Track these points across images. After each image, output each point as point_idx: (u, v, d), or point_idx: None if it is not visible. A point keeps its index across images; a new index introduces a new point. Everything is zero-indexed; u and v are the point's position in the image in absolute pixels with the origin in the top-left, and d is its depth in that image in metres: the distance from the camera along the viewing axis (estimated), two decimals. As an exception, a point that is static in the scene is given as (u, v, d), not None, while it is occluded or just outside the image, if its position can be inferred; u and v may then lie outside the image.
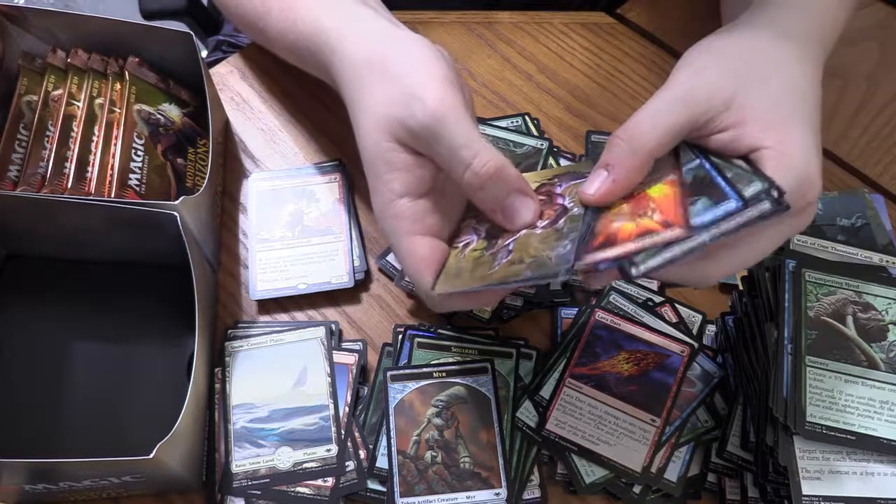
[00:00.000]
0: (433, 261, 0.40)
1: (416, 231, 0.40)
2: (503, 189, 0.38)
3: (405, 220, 0.40)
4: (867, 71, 0.67)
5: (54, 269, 0.54)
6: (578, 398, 0.50)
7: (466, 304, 0.43)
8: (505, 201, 0.39)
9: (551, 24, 0.70)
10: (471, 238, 0.42)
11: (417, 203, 0.40)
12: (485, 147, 0.38)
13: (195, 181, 0.56)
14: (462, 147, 0.37)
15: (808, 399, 0.43)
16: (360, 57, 0.43)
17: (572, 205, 0.40)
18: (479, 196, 0.39)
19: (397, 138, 0.39)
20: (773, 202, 0.34)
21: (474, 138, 0.38)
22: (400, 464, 0.48)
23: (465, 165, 0.37)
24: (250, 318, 0.55)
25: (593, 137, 0.63)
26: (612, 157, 0.38)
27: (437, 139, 0.38)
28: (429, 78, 0.39)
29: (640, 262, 0.34)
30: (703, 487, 0.49)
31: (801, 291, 0.46)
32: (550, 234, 0.38)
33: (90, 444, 0.49)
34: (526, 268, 0.36)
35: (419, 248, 0.40)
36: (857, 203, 0.58)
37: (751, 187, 0.35)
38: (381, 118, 0.40)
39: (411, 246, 0.40)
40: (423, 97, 0.38)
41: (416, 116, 0.38)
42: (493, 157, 0.37)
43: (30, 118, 0.53)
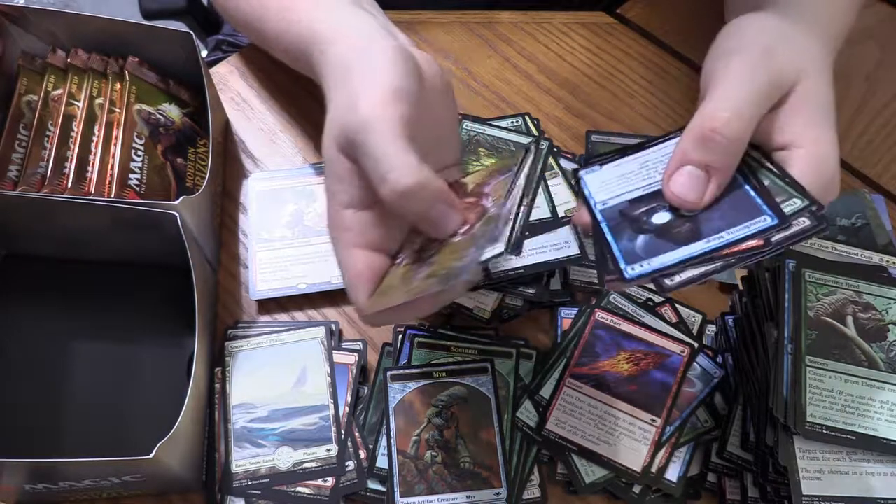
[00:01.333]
0: (369, 276, 0.38)
1: (357, 244, 0.38)
2: (422, 203, 0.36)
3: (347, 232, 0.38)
4: (867, 71, 0.67)
5: (54, 269, 0.54)
6: (578, 398, 0.50)
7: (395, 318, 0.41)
8: (428, 213, 0.37)
9: (551, 24, 0.70)
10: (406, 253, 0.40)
11: (361, 215, 0.38)
12: (404, 161, 0.35)
13: (195, 181, 0.56)
14: (381, 159, 0.35)
15: (808, 399, 0.43)
16: (338, 63, 0.42)
17: (491, 205, 0.38)
18: (400, 210, 0.37)
19: (340, 146, 0.38)
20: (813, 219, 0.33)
21: (396, 152, 0.35)
22: (400, 464, 0.48)
23: (381, 179, 0.35)
24: (250, 317, 0.55)
25: (593, 137, 0.63)
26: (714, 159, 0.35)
27: (362, 148, 0.36)
28: (373, 86, 0.37)
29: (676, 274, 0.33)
30: (703, 487, 0.49)
31: (801, 291, 0.46)
32: (466, 241, 0.37)
33: (90, 444, 0.49)
34: (438, 281, 0.35)
35: (356, 262, 0.38)
36: (857, 203, 0.58)
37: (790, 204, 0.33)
38: (331, 126, 0.39)
39: (349, 259, 0.38)
40: (357, 105, 0.37)
41: (351, 123, 0.37)
42: (410, 173, 0.35)
43: (30, 118, 0.53)
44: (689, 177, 0.36)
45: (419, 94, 0.39)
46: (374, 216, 0.39)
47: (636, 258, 0.35)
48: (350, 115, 0.37)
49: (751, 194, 0.36)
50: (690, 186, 0.36)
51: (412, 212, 0.37)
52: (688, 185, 0.36)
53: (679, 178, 0.36)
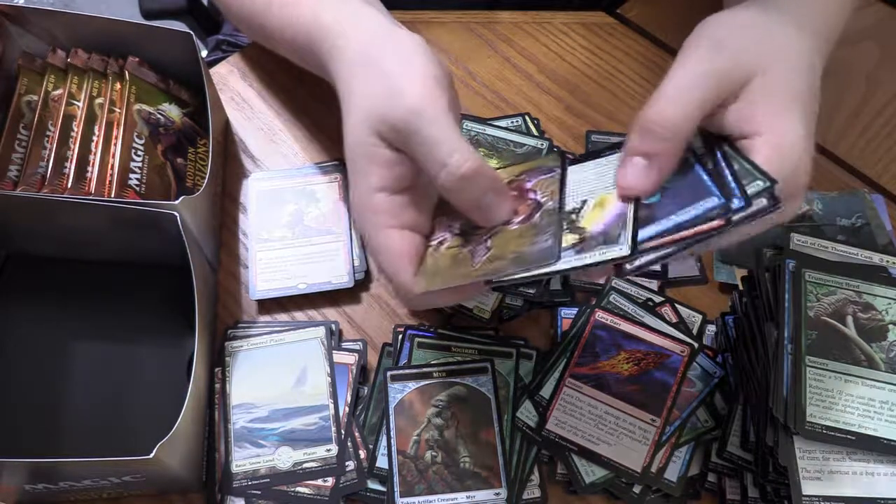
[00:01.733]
0: (411, 255, 0.39)
1: (393, 225, 0.39)
2: (479, 188, 0.38)
3: (382, 215, 0.39)
4: (867, 71, 0.67)
5: (54, 269, 0.54)
6: (578, 398, 0.50)
7: (446, 300, 0.42)
8: (481, 200, 0.38)
9: (551, 24, 0.70)
10: (444, 235, 0.41)
11: (395, 198, 0.39)
12: (462, 146, 0.37)
13: (195, 181, 0.56)
14: (439, 144, 0.37)
15: (808, 399, 0.43)
16: (356, 54, 0.43)
17: (545, 199, 0.39)
18: (455, 195, 0.38)
19: (379, 133, 0.39)
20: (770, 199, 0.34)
21: (452, 137, 0.37)
22: (400, 464, 0.48)
23: (441, 164, 0.37)
24: (250, 317, 0.55)
25: (593, 137, 0.63)
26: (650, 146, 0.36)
27: (415, 135, 0.37)
28: (414, 74, 0.39)
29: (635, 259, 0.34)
30: (703, 487, 0.49)
31: (801, 291, 0.46)
32: (528, 229, 0.38)
33: (90, 444, 0.49)
34: (509, 263, 0.36)
35: (397, 242, 0.39)
36: (857, 203, 0.58)
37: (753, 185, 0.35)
38: (365, 113, 0.40)
39: (388, 240, 0.39)
40: (404, 92, 0.38)
41: (397, 111, 0.38)
42: (470, 157, 0.37)
43: (30, 118, 0.53)
44: (633, 167, 0.37)
45: (452, 84, 0.40)
46: (408, 199, 0.40)
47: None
48: (395, 102, 0.38)
49: (703, 177, 0.37)
50: (634, 175, 0.37)
51: (468, 197, 0.38)
52: (632, 174, 0.37)
53: (625, 169, 0.38)
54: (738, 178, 0.36)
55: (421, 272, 0.39)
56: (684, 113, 0.36)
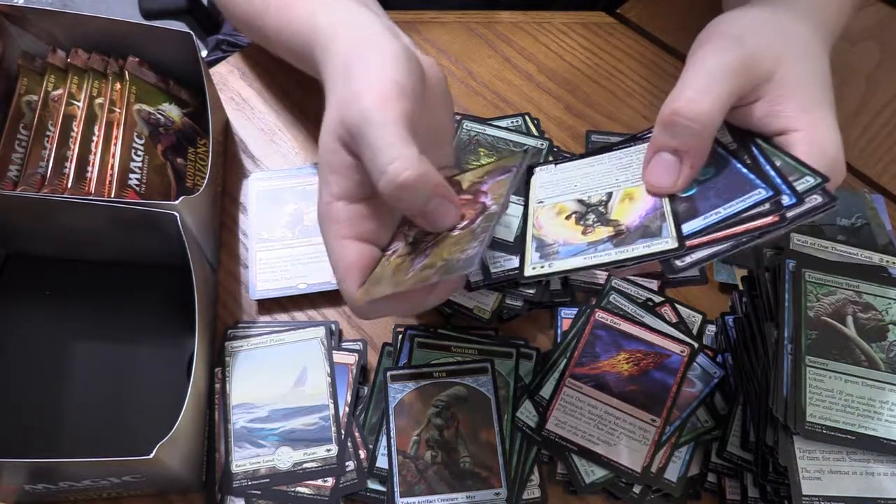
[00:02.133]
0: (360, 267, 0.39)
1: (348, 235, 0.39)
2: (420, 196, 0.36)
3: (338, 224, 0.39)
4: (867, 71, 0.67)
5: (54, 269, 0.54)
6: (578, 398, 0.50)
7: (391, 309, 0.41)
8: (424, 207, 0.37)
9: (551, 24, 0.70)
10: (398, 245, 0.41)
11: (353, 207, 0.39)
12: (405, 154, 0.35)
13: (195, 181, 0.56)
14: (381, 152, 0.36)
15: (808, 399, 0.43)
16: (341, 59, 0.42)
17: (491, 203, 0.39)
18: (396, 202, 0.37)
19: (339, 138, 0.38)
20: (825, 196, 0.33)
21: (396, 144, 0.35)
22: (400, 464, 0.48)
23: (381, 171, 0.35)
24: (250, 318, 0.55)
25: (593, 137, 0.63)
26: (681, 142, 0.36)
27: (362, 140, 0.36)
28: (376, 80, 0.38)
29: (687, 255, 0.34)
30: (703, 487, 0.49)
31: (801, 291, 0.46)
32: (465, 235, 0.37)
33: (90, 444, 0.49)
34: (435, 272, 0.35)
35: (348, 253, 0.39)
36: (857, 203, 0.58)
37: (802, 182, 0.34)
38: (331, 119, 0.39)
39: (341, 250, 0.39)
40: (360, 97, 0.37)
41: (351, 114, 0.37)
42: (411, 165, 0.35)
43: (30, 118, 0.53)
44: (661, 162, 0.37)
45: (421, 93, 0.39)
46: (366, 209, 0.39)
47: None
48: (352, 106, 0.37)
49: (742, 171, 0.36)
50: (663, 172, 0.36)
51: (410, 205, 0.37)
52: (660, 171, 0.37)
53: (653, 166, 0.37)
54: (783, 173, 0.35)
55: (369, 281, 0.38)
56: (714, 105, 0.35)
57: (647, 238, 0.35)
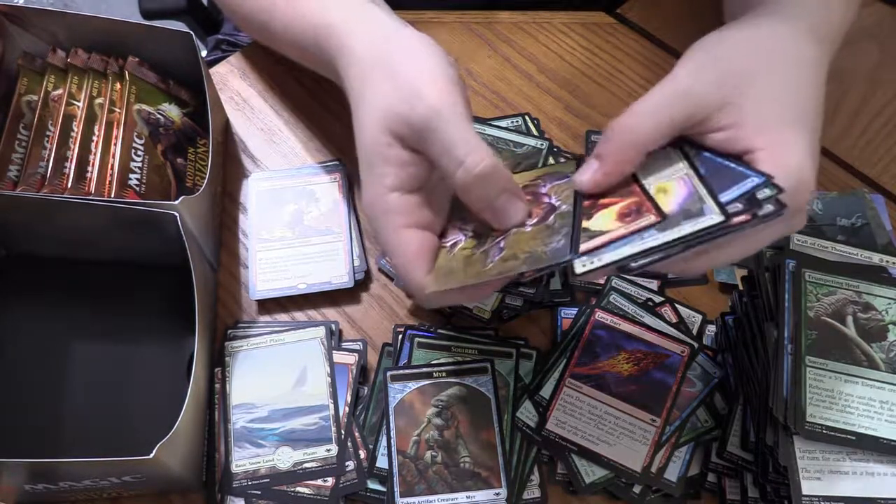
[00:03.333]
0: (424, 254, 0.40)
1: (408, 224, 0.40)
2: (494, 189, 0.38)
3: (396, 214, 0.40)
4: (867, 71, 0.67)
5: (54, 269, 0.54)
6: (578, 398, 0.50)
7: (458, 299, 0.42)
8: (496, 201, 0.39)
9: (551, 24, 0.70)
10: (458, 238, 0.42)
11: (408, 197, 0.40)
12: (479, 146, 0.38)
13: (195, 181, 0.56)
14: (457, 144, 0.37)
15: (808, 399, 0.43)
16: (367, 54, 0.43)
17: (559, 203, 0.40)
18: (471, 195, 0.39)
19: (395, 133, 0.39)
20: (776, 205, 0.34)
21: (470, 137, 0.38)
22: (400, 464, 0.48)
23: (459, 163, 0.37)
24: (250, 318, 0.55)
25: (593, 137, 0.63)
26: (603, 148, 0.38)
27: (433, 135, 0.38)
28: (431, 75, 0.39)
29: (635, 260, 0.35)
30: (703, 487, 0.49)
31: (801, 291, 0.46)
32: (541, 230, 0.38)
33: (90, 444, 0.49)
34: (521, 263, 0.36)
35: (410, 242, 0.40)
36: (857, 203, 0.58)
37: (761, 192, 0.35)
38: (382, 113, 0.40)
39: (402, 239, 0.40)
40: (422, 93, 0.38)
41: (416, 111, 0.38)
42: (487, 157, 0.37)
43: (30, 118, 0.53)
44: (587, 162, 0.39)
45: (463, 82, 0.41)
46: (421, 198, 0.40)
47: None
48: (414, 103, 0.38)
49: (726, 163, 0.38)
50: (582, 169, 0.39)
51: (482, 196, 0.38)
52: (582, 168, 0.39)
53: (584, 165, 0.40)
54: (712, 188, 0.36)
55: (434, 272, 0.39)
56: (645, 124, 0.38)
57: (691, 218, 0.35)
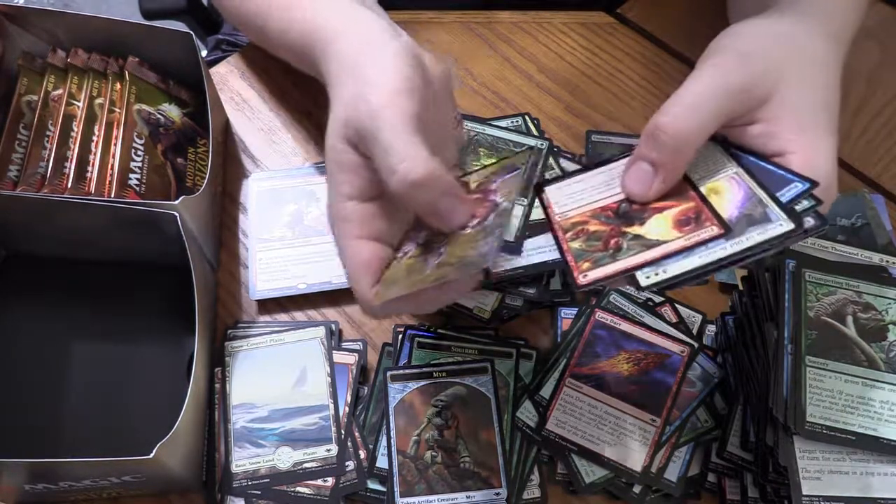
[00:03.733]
0: (373, 266, 0.39)
1: (361, 235, 0.39)
2: (430, 194, 0.36)
3: (350, 224, 0.39)
4: (867, 71, 0.67)
5: (54, 269, 0.54)
6: (578, 398, 0.50)
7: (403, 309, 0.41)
8: (435, 206, 0.37)
9: (551, 24, 0.70)
10: (410, 247, 0.41)
11: (364, 206, 0.39)
12: (414, 153, 0.36)
13: (195, 181, 0.56)
14: (390, 150, 0.36)
15: (808, 399, 0.43)
16: (345, 59, 0.42)
17: (503, 199, 0.39)
18: (407, 201, 0.37)
19: (347, 139, 0.38)
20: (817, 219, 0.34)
21: (406, 143, 0.36)
22: (400, 464, 0.48)
23: (391, 170, 0.36)
24: (250, 318, 0.55)
25: (593, 137, 0.63)
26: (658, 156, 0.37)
27: (372, 141, 0.37)
28: (383, 80, 0.38)
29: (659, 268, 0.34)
30: (703, 487, 0.49)
31: (801, 291, 0.46)
32: (477, 233, 0.37)
33: (90, 444, 0.49)
34: (452, 269, 0.35)
35: (361, 253, 0.39)
36: (857, 203, 0.58)
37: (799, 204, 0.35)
38: (337, 119, 0.39)
39: (353, 249, 0.39)
40: (368, 98, 0.37)
41: (359, 116, 0.37)
42: (421, 164, 0.35)
43: (30, 118, 0.53)
44: (637, 171, 0.38)
45: (426, 91, 0.39)
46: (378, 208, 0.39)
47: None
48: (360, 107, 0.37)
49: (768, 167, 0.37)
50: (637, 179, 0.38)
51: (421, 203, 0.37)
52: (634, 178, 0.38)
53: (631, 172, 0.38)
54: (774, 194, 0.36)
55: (381, 282, 0.39)
56: (697, 125, 0.36)
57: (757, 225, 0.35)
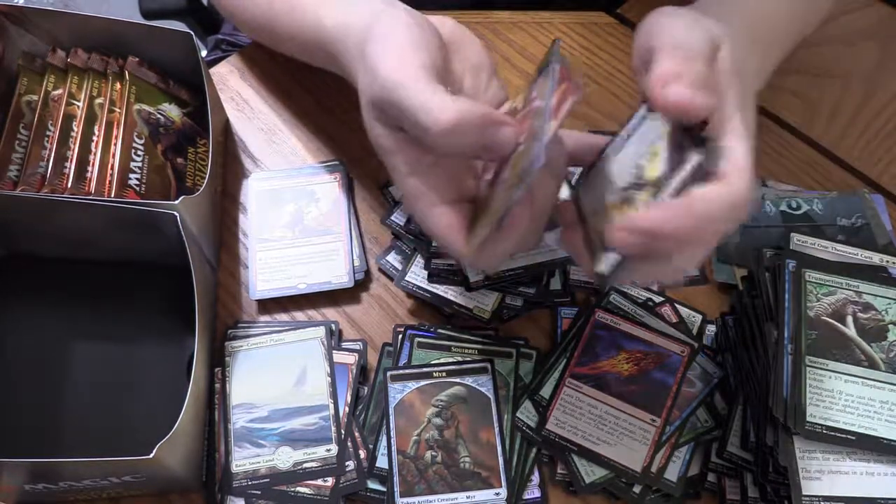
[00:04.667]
0: (457, 226, 0.39)
1: (435, 203, 0.39)
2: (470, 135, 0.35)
3: (421, 198, 0.39)
4: (867, 71, 0.67)
5: (54, 269, 0.54)
6: (578, 398, 0.50)
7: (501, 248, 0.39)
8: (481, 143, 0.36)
9: (551, 24, 0.70)
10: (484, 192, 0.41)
11: (426, 178, 0.39)
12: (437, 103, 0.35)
13: (195, 181, 0.56)
14: (415, 111, 0.35)
15: (808, 399, 0.43)
16: (356, 49, 0.42)
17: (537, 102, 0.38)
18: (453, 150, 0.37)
19: (379, 120, 0.39)
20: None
21: (426, 98, 0.35)
22: (400, 464, 0.48)
23: (424, 129, 0.35)
24: (250, 317, 0.55)
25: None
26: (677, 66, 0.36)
27: (397, 111, 0.36)
28: (386, 49, 0.38)
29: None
30: (703, 487, 0.49)
31: (801, 291, 0.46)
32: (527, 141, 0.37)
33: (90, 444, 0.49)
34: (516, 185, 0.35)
35: (441, 219, 0.39)
36: (857, 203, 0.58)
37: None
38: (365, 106, 0.39)
39: (433, 220, 0.39)
40: (377, 70, 0.37)
41: (377, 93, 0.37)
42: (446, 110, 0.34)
43: (30, 118, 0.53)
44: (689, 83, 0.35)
45: (436, 41, 0.39)
46: (441, 172, 0.39)
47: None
48: (374, 85, 0.37)
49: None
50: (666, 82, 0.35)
51: (464, 147, 0.36)
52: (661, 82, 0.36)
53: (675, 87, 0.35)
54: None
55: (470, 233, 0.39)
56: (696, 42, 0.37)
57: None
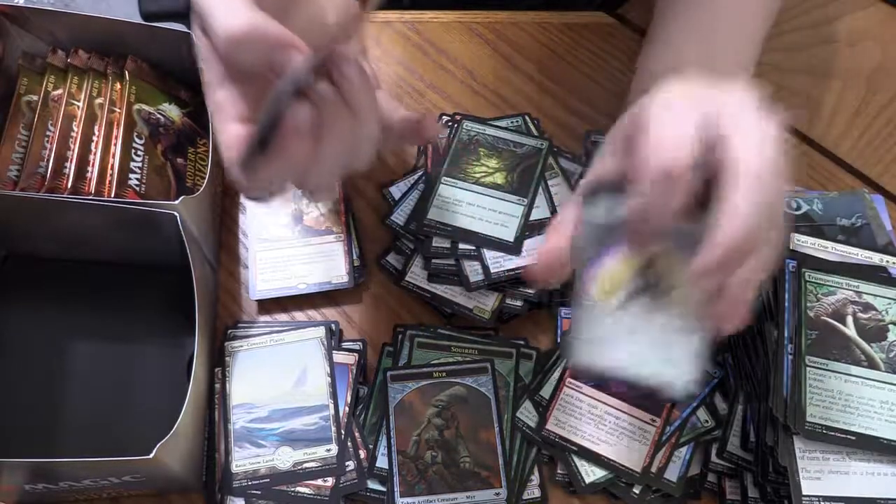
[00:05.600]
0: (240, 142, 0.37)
1: (232, 118, 0.37)
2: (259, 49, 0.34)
3: (217, 113, 0.38)
4: (867, 71, 0.67)
5: (54, 269, 0.54)
6: (578, 398, 0.50)
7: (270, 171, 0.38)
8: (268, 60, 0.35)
9: (551, 24, 0.70)
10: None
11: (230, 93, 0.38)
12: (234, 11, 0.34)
13: (195, 181, 0.56)
14: (213, 15, 0.34)
15: (808, 399, 0.43)
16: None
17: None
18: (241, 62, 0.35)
19: (199, 26, 0.38)
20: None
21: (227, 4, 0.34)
22: (400, 464, 0.48)
23: (216, 35, 0.34)
24: (250, 318, 0.55)
25: (593, 137, 0.63)
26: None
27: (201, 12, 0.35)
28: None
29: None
30: (703, 487, 0.49)
31: (801, 291, 0.46)
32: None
33: (90, 444, 0.49)
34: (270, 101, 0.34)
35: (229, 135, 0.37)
36: (857, 203, 0.58)
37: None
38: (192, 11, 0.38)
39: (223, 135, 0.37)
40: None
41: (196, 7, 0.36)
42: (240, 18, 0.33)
43: (30, 118, 0.53)
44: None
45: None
46: (248, 91, 0.38)
47: None
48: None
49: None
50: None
51: (253, 62, 0.35)
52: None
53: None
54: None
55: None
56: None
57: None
